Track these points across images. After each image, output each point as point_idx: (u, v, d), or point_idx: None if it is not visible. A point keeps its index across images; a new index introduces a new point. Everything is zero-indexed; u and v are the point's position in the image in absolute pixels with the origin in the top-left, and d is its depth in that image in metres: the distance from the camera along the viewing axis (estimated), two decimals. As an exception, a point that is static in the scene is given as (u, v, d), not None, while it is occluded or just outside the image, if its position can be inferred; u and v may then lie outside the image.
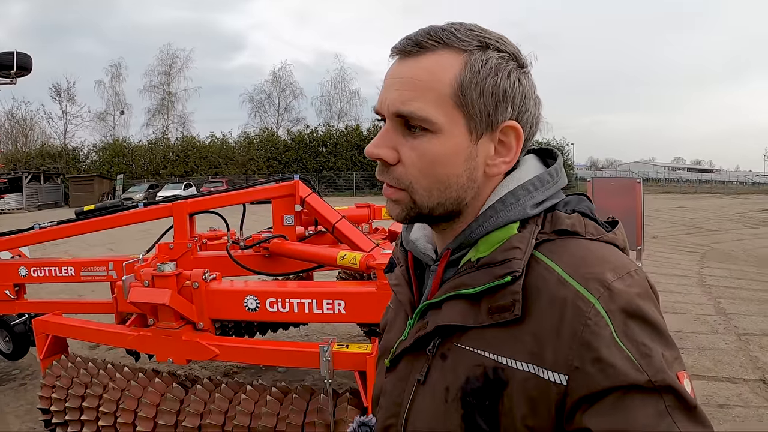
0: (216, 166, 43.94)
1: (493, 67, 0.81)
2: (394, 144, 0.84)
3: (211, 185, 35.00)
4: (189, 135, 48.40)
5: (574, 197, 0.90)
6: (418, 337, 0.88)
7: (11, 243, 4.27)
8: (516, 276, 0.77)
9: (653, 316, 0.73)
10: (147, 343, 3.09)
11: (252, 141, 45.84)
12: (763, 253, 12.80)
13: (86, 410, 3.06)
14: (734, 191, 49.06)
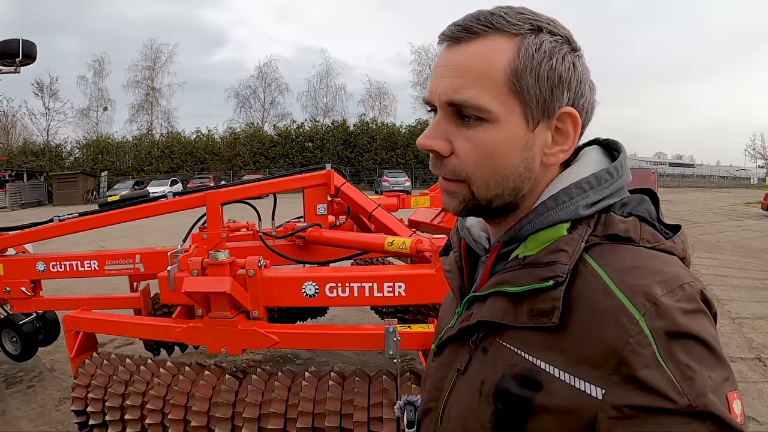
0: (202, 162, 43.48)
1: (548, 51, 0.77)
2: (447, 135, 0.81)
3: (198, 181, 34.68)
4: (174, 131, 47.90)
5: (635, 197, 0.83)
6: (462, 327, 0.88)
7: (30, 236, 4.05)
8: (559, 281, 0.74)
9: (702, 335, 0.68)
10: (197, 335, 2.95)
11: (238, 137, 45.51)
12: (748, 243, 13.73)
13: (129, 409, 2.87)
14: (716, 185, 50.31)
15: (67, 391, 4.77)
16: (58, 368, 5.45)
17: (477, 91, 0.77)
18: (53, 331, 5.27)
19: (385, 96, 54.56)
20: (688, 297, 0.70)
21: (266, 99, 52.87)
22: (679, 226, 0.83)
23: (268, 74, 53.06)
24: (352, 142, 44.52)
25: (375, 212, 3.93)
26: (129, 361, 3.09)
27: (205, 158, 43.63)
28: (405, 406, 1.08)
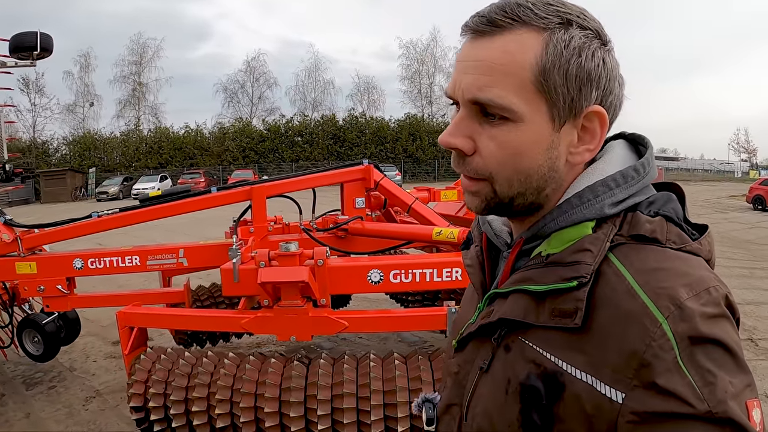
0: (191, 157, 43.02)
1: (577, 48, 0.74)
2: (470, 132, 0.79)
3: (189, 177, 34.48)
4: (162, 126, 47.28)
5: (662, 195, 0.81)
6: (483, 324, 0.87)
7: (69, 233, 3.96)
8: (582, 282, 0.73)
9: (726, 339, 0.67)
10: (266, 324, 3.03)
11: (227, 131, 45.11)
12: (734, 235, 14.32)
13: (196, 401, 2.85)
14: (700, 178, 51.01)
15: (92, 390, 4.83)
16: (78, 367, 5.41)
17: (503, 90, 0.75)
18: (74, 330, 5.17)
19: (373, 90, 54.53)
20: (713, 301, 0.69)
21: (254, 93, 52.61)
22: (706, 226, 0.81)
23: (256, 69, 52.80)
24: (342, 137, 44.36)
25: (414, 205, 4.12)
26: (188, 354, 3.07)
27: (194, 154, 43.16)
28: (423, 404, 1.06)
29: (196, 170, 37.61)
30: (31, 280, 3.95)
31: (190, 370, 2.96)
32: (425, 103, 52.97)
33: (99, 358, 5.67)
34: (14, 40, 4.64)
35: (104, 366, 5.46)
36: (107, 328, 6.47)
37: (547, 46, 0.74)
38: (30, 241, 4.01)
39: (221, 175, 39.92)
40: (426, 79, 53.39)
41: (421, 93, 53.14)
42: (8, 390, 4.87)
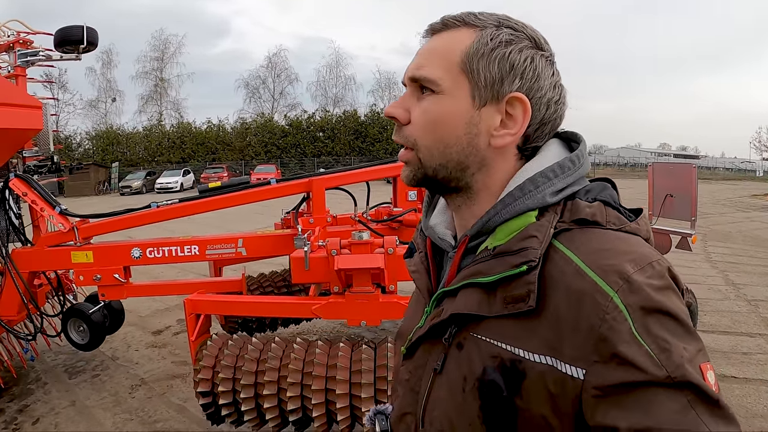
0: (213, 152, 43.31)
1: (504, 42, 0.83)
2: (408, 106, 0.88)
3: (212, 171, 34.73)
4: (185, 121, 47.67)
5: (597, 184, 0.87)
6: (433, 324, 0.88)
7: (127, 222, 4.08)
8: (532, 266, 0.76)
9: (674, 309, 0.70)
10: (337, 310, 3.19)
11: (249, 127, 45.40)
12: (757, 234, 14.33)
13: (267, 384, 2.93)
14: (721, 177, 50.29)
15: (137, 379, 4.89)
16: (120, 356, 5.50)
17: (433, 68, 0.85)
18: (118, 320, 5.31)
19: (394, 86, 54.40)
20: (658, 274, 0.72)
21: (276, 89, 52.77)
22: (641, 209, 0.86)
23: (277, 64, 52.94)
24: (364, 132, 44.43)
25: None
26: (255, 339, 3.15)
27: (216, 148, 43.46)
28: (375, 416, 1.06)
29: (219, 165, 37.88)
30: (87, 269, 4.04)
31: (259, 355, 3.03)
32: (446, 99, 52.96)
33: (140, 347, 5.76)
34: (60, 34, 4.72)
35: (146, 355, 5.55)
36: (146, 318, 6.61)
37: (477, 38, 0.84)
38: (86, 231, 4.10)
39: (243, 170, 40.15)
40: (446, 75, 53.39)
41: (442, 89, 53.14)
42: (50, 378, 4.94)
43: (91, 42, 4.84)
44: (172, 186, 33.45)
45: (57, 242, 4.13)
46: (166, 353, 5.58)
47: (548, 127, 0.88)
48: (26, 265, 4.21)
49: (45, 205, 4.12)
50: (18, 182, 4.26)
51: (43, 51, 4.84)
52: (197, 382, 3.04)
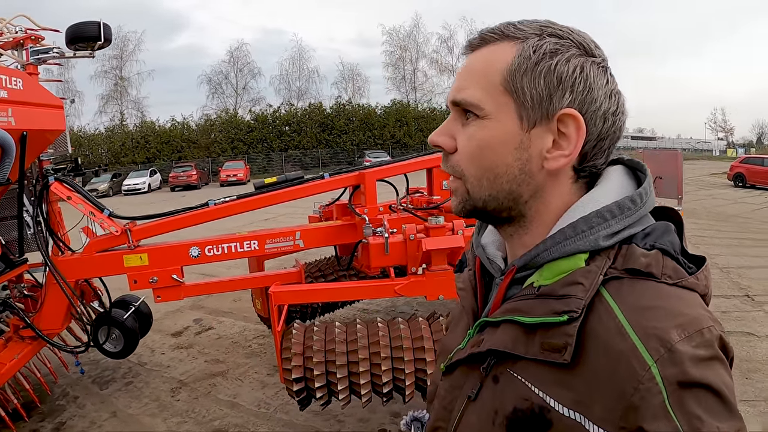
0: (178, 150, 42.57)
1: (548, 53, 0.77)
2: (453, 132, 0.85)
3: (180, 170, 34.22)
4: (148, 120, 46.65)
5: (660, 226, 0.80)
6: (473, 352, 0.86)
7: (185, 222, 4.08)
8: (573, 317, 0.72)
9: (716, 384, 0.65)
10: (418, 287, 3.49)
11: (213, 123, 44.85)
12: (720, 210, 15.98)
13: (361, 362, 3.15)
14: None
15: (174, 381, 4.90)
16: (148, 361, 5.46)
17: (474, 90, 0.80)
18: (147, 324, 5.16)
19: (357, 77, 54.37)
20: (705, 343, 0.67)
21: (239, 84, 52.00)
22: (704, 258, 0.79)
23: (239, 59, 52.13)
24: (330, 125, 44.36)
25: None
26: (338, 323, 3.38)
27: (182, 147, 42.75)
28: (412, 422, 1.05)
29: (187, 163, 37.23)
30: (142, 272, 3.94)
31: (346, 338, 3.25)
32: (409, 89, 53.07)
33: (166, 350, 5.76)
34: (73, 30, 4.53)
35: (176, 357, 5.55)
36: (160, 321, 6.48)
37: (518, 52, 0.78)
38: (140, 233, 4.01)
39: (210, 167, 39.72)
40: (409, 66, 53.48)
41: (405, 79, 53.18)
42: (80, 392, 4.82)
43: (107, 38, 4.67)
44: (140, 187, 32.78)
45: (106, 247, 4.01)
46: (196, 353, 5.63)
47: (607, 143, 0.81)
48: (73, 274, 4.04)
49: (92, 208, 4.02)
50: (60, 186, 4.11)
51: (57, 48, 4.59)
52: (290, 370, 3.18)
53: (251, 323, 6.38)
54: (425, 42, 53.61)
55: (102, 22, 4.54)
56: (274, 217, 13.73)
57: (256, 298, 5.18)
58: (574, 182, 0.83)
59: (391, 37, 53.26)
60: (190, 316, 6.84)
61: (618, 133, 0.81)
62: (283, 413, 4.27)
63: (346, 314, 6.16)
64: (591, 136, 0.79)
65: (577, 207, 0.81)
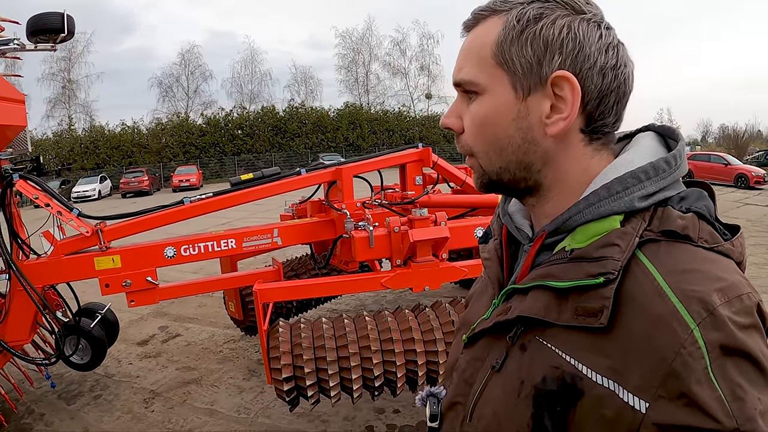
0: (129, 155, 41.35)
1: (532, 19, 0.76)
2: (460, 113, 0.85)
3: (131, 176, 33.31)
4: (97, 124, 45.10)
5: (694, 191, 0.78)
6: (499, 321, 0.83)
7: (159, 221, 3.90)
8: (610, 278, 0.70)
9: (756, 353, 0.63)
10: (404, 279, 3.49)
11: (164, 127, 43.68)
12: None
13: (352, 356, 3.09)
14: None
15: (146, 392, 4.69)
16: (116, 372, 5.22)
17: (470, 68, 0.81)
18: (114, 333, 4.94)
19: (310, 80, 54.10)
20: (746, 310, 0.65)
21: (190, 87, 50.92)
22: (738, 226, 0.77)
23: (191, 61, 51.06)
24: (283, 128, 44.03)
25: (467, 180, 4.67)
26: (324, 319, 3.30)
27: (132, 152, 41.54)
28: (428, 398, 0.99)
29: (138, 168, 36.17)
30: (115, 276, 3.70)
31: (333, 333, 3.18)
32: (362, 91, 53.12)
33: (134, 360, 5.52)
34: (35, 21, 4.23)
35: (144, 367, 5.32)
36: (124, 330, 6.09)
37: (504, 24, 0.78)
38: (112, 234, 3.78)
39: (162, 173, 38.75)
40: (362, 68, 53.51)
41: (358, 82, 53.23)
42: (45, 408, 4.55)
43: (71, 31, 4.40)
44: (90, 194, 31.69)
45: (76, 249, 3.75)
46: (165, 362, 5.42)
47: (612, 98, 0.78)
48: (40, 279, 3.73)
49: (60, 207, 3.75)
50: (25, 184, 3.79)
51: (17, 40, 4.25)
52: (279, 370, 3.07)
53: (220, 328, 6.23)
54: (378, 45, 53.80)
55: (66, 14, 4.23)
56: (230, 222, 13.49)
57: (229, 301, 5.04)
58: (587, 145, 0.81)
59: (344, 39, 53.30)
60: (155, 323, 6.61)
61: (624, 86, 0.79)
62: (265, 417, 4.15)
63: (313, 315, 6.04)
64: (591, 95, 0.77)
65: (610, 169, 0.79)
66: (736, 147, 44.39)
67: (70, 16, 4.30)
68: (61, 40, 4.38)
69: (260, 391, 4.56)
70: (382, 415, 4.04)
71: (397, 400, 3.99)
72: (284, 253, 5.80)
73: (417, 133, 46.20)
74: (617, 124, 0.82)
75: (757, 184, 21.96)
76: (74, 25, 4.38)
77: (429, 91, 53.45)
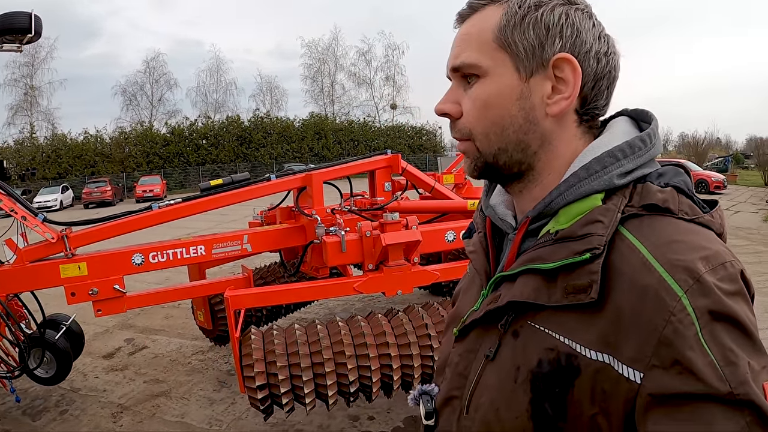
0: (92, 165, 40.19)
1: (533, 5, 0.79)
2: (457, 98, 0.86)
3: (94, 186, 32.48)
4: (60, 133, 43.60)
5: (671, 168, 0.80)
6: (490, 309, 0.83)
7: (127, 227, 3.76)
8: (596, 254, 0.71)
9: (744, 319, 0.64)
10: (376, 284, 3.44)
11: (128, 136, 42.61)
12: None
13: (326, 362, 3.02)
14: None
15: (114, 406, 4.50)
16: (82, 386, 4.99)
17: (470, 52, 0.82)
18: (80, 345, 4.75)
19: (276, 90, 53.76)
20: (730, 277, 0.66)
21: (154, 95, 49.73)
22: (716, 201, 0.79)
23: (156, 69, 49.83)
24: (248, 138, 43.60)
25: (435, 186, 4.71)
26: (297, 325, 3.24)
27: (95, 161, 40.40)
28: (420, 396, 0.98)
29: (101, 178, 35.11)
30: (81, 284, 3.54)
31: (307, 339, 3.11)
32: (327, 101, 52.95)
33: (100, 374, 5.27)
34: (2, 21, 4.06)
35: (111, 380, 5.10)
36: (89, 342, 5.87)
37: (505, 10, 0.80)
38: (78, 240, 3.62)
39: (125, 183, 37.79)
40: (328, 78, 53.31)
41: (323, 92, 53.01)
42: (10, 425, 4.29)
43: (38, 32, 4.22)
44: (51, 204, 30.68)
45: (41, 256, 3.57)
46: (133, 374, 5.21)
47: (604, 82, 0.81)
48: (3, 287, 3.56)
49: (25, 212, 3.58)
50: None
51: None
52: (252, 378, 2.97)
53: (187, 339, 6.04)
54: (344, 55, 53.70)
55: (33, 13, 4.06)
56: (196, 231, 13.24)
57: (198, 310, 4.90)
58: (578, 126, 0.83)
59: (310, 49, 53.05)
60: (121, 336, 6.34)
61: (614, 72, 0.82)
62: (237, 428, 4.03)
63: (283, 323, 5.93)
64: (587, 78, 0.80)
65: (588, 151, 0.81)
66: (696, 154, 45.74)
67: (38, 17, 4.13)
68: (28, 41, 4.21)
69: (231, 402, 4.44)
70: (356, 422, 3.96)
71: (372, 406, 3.95)
72: (252, 262, 5.70)
73: (382, 143, 46.18)
74: (606, 108, 0.85)
75: (717, 189, 22.68)
76: (41, 26, 4.20)
77: (394, 102, 53.61)
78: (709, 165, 39.56)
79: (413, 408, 1.04)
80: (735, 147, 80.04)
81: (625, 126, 0.85)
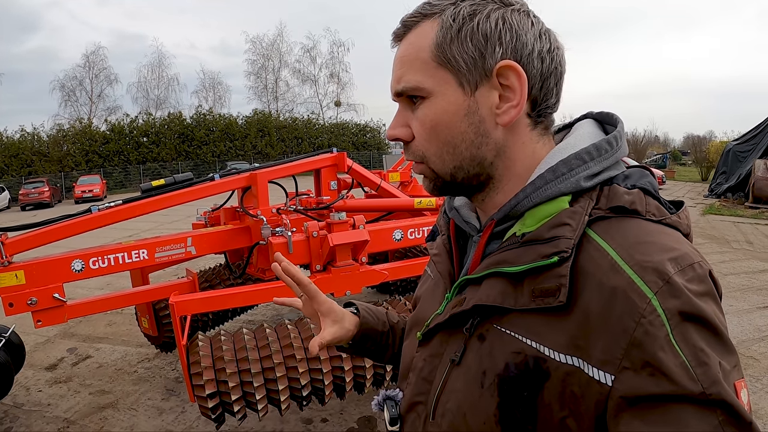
0: (29, 164, 37.83)
1: (467, 16, 0.75)
2: (406, 121, 0.83)
3: (31, 186, 30.89)
4: (-8, 131, 40.84)
5: (636, 171, 0.79)
6: (455, 313, 0.81)
7: (66, 231, 3.50)
8: (564, 257, 0.69)
9: (713, 319, 0.63)
10: (324, 284, 3.29)
11: (66, 134, 40.32)
12: None
13: (277, 366, 2.91)
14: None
15: (60, 420, 4.26)
16: (25, 401, 4.67)
17: (411, 75, 0.78)
18: (21, 357, 4.48)
19: (219, 86, 52.56)
20: (699, 278, 0.65)
21: (94, 91, 47.62)
22: (682, 202, 0.79)
23: (96, 64, 47.62)
24: (190, 135, 42.25)
25: (382, 184, 4.65)
26: (245, 329, 3.12)
27: (32, 160, 38.01)
28: (384, 401, 0.95)
29: (38, 179, 33.06)
30: (19, 293, 3.28)
31: (256, 343, 2.99)
32: (271, 98, 52.11)
33: (43, 387, 4.94)
34: None
35: (56, 393, 4.79)
36: (30, 354, 5.51)
37: (440, 25, 0.76)
38: (14, 247, 3.35)
39: (64, 183, 35.99)
40: (272, 75, 52.49)
41: (267, 88, 52.14)
42: None
43: None
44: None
45: None
46: (77, 386, 4.89)
47: (552, 80, 0.78)
48: None
49: None
50: None
51: None
52: (202, 386, 2.82)
53: (132, 347, 5.76)
54: (288, 51, 53.24)
55: None
56: (137, 233, 12.80)
57: (142, 317, 4.64)
58: (532, 129, 0.81)
59: (255, 45, 52.18)
60: (63, 345, 5.97)
61: (560, 68, 0.79)
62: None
63: (230, 327, 5.75)
64: (534, 80, 0.77)
65: (554, 153, 0.79)
66: (635, 151, 47.08)
67: None
68: None
69: (181, 410, 4.24)
70: (310, 425, 3.86)
71: (325, 408, 3.86)
72: (195, 265, 5.46)
73: (326, 141, 45.79)
74: (557, 105, 0.82)
75: (657, 185, 23.75)
76: None
77: (338, 99, 53.29)
78: (648, 162, 41.02)
79: (367, 408, 0.97)
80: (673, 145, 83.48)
81: (590, 128, 0.83)
